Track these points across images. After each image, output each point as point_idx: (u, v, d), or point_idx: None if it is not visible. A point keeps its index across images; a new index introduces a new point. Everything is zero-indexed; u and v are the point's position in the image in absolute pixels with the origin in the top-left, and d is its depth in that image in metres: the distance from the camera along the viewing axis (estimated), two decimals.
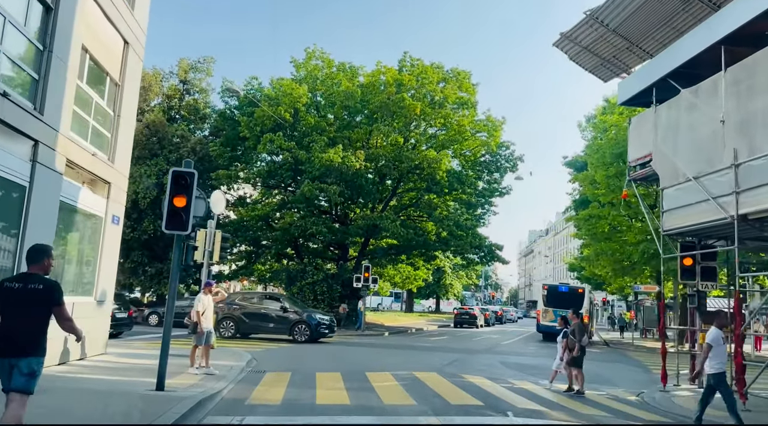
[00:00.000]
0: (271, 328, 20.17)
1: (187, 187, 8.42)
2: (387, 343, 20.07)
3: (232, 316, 20.21)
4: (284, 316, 20.08)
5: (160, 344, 8.78)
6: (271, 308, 20.48)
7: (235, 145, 30.80)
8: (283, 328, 19.98)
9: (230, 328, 20.09)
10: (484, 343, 24.51)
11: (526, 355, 18.68)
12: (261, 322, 20.22)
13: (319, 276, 28.14)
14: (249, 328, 20.28)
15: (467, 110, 32.21)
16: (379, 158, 29.85)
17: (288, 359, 14.60)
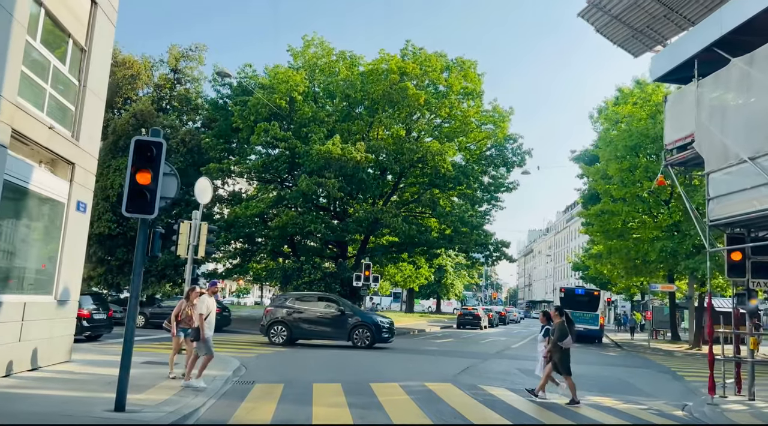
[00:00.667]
0: (327, 333, 18.26)
1: (153, 160, 6.83)
2: (390, 347, 18.47)
3: (284, 321, 18.15)
4: (342, 320, 18.12)
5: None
6: (327, 311, 18.48)
7: (228, 136, 29.17)
8: (341, 332, 18.06)
9: (282, 334, 18.02)
10: (494, 346, 22.93)
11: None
12: (316, 327, 18.21)
13: (316, 275, 26.54)
14: (303, 333, 18.26)
15: (473, 101, 30.63)
16: (380, 151, 28.25)
17: (281, 367, 13.00)
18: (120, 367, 6.96)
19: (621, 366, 17.00)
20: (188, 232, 13.69)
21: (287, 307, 18.48)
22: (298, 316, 18.26)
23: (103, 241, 27.48)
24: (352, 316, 18.32)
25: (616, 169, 27.46)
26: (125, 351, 6.96)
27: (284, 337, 17.99)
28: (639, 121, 27.65)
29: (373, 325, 18.06)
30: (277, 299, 19.27)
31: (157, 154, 6.81)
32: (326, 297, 20.33)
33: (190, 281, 13.81)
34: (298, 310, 18.35)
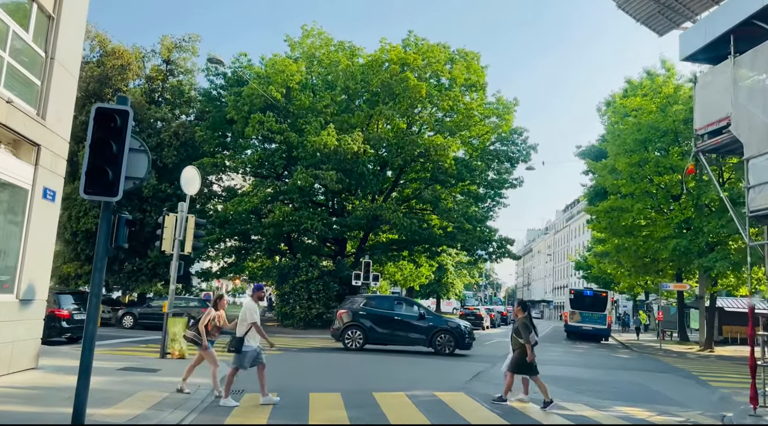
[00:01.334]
0: (407, 338, 17.02)
1: (117, 132, 5.70)
2: (392, 349, 17.35)
3: (360, 325, 16.85)
4: (424, 325, 16.93)
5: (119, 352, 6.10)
6: (406, 314, 17.25)
7: (222, 129, 28.03)
8: (422, 338, 16.85)
9: (358, 339, 16.74)
10: (500, 348, 21.79)
11: (557, 364, 16.00)
12: (395, 331, 16.90)
13: (314, 273, 25.42)
14: (380, 337, 16.97)
15: (476, 93, 29.53)
16: (380, 144, 27.14)
17: (275, 372, 11.85)
18: (78, 377, 5.83)
19: (638, 370, 15.91)
20: (174, 226, 12.57)
21: (363, 309, 17.20)
22: (376, 319, 16.98)
23: (90, 238, 26.28)
24: (433, 321, 17.23)
25: (625, 164, 26.40)
26: (84, 359, 5.82)
27: (360, 341, 16.73)
28: (649, 113, 26.59)
29: (457, 330, 16.91)
30: (350, 302, 17.94)
31: (121, 124, 5.68)
32: (404, 299, 19.25)
33: (175, 279, 12.72)
34: (375, 314, 17.10)
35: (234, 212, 25.82)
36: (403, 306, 17.81)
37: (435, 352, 16.60)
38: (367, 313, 17.01)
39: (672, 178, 26.54)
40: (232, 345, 8.13)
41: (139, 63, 29.88)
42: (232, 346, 8.13)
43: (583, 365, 16.05)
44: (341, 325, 16.99)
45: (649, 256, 26.75)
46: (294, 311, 25.28)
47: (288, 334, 23.38)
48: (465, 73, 28.29)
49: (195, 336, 8.63)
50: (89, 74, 27.31)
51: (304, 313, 25.12)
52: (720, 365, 19.61)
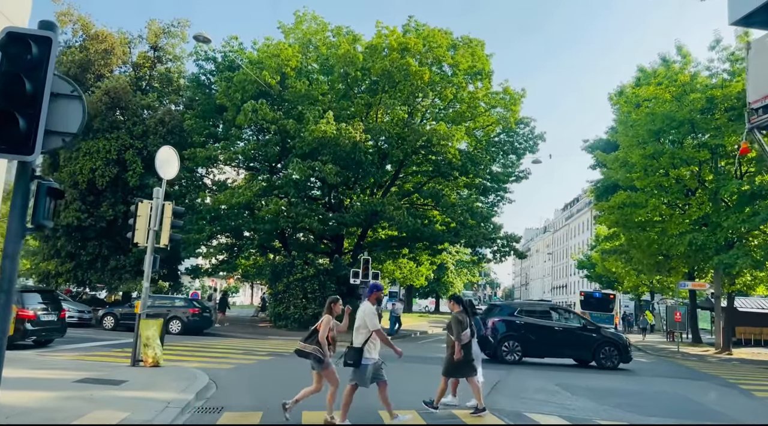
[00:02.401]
0: (568, 351, 15.87)
1: (34, 66, 4.12)
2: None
3: (518, 336, 15.47)
4: (586, 335, 15.70)
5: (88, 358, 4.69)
6: (567, 325, 16.06)
7: (212, 117, 26.39)
8: (584, 350, 15.63)
9: (516, 351, 15.36)
10: None
11: (577, 371, 14.48)
12: (555, 343, 15.63)
13: (309, 271, 23.83)
14: (539, 350, 15.69)
15: (480, 82, 27.94)
16: (380, 134, 25.54)
17: (263, 383, 10.31)
18: None
19: (667, 377, 14.42)
20: (148, 215, 10.98)
21: (518, 319, 15.73)
22: (533, 330, 15.55)
23: (71, 233, 24.71)
24: (595, 331, 15.84)
25: (638, 156, 24.93)
26: None
27: (518, 354, 15.33)
28: (663, 103, 25.11)
29: (621, 342, 15.70)
30: (498, 309, 16.52)
31: (40, 56, 4.11)
32: (560, 308, 18.11)
33: (149, 276, 11.13)
34: (532, 324, 15.67)
35: (226, 205, 24.20)
36: (560, 315, 16.61)
37: (598, 367, 15.24)
38: (524, 324, 15.59)
39: (688, 170, 25.09)
40: (348, 357, 6.86)
41: (125, 48, 28.26)
42: (349, 358, 6.86)
43: (609, 373, 14.55)
44: (498, 336, 15.39)
45: (663, 252, 25.25)
46: (288, 311, 23.72)
47: (281, 336, 21.81)
48: (469, 60, 26.73)
49: (317, 350, 6.93)
50: (70, 59, 25.70)
51: (299, 314, 23.56)
52: (749, 370, 18.16)
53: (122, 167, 24.30)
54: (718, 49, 24.74)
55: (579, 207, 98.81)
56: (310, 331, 7.14)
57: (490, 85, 28.07)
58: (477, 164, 26.82)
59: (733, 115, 23.59)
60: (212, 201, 24.11)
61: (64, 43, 27.10)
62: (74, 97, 4.46)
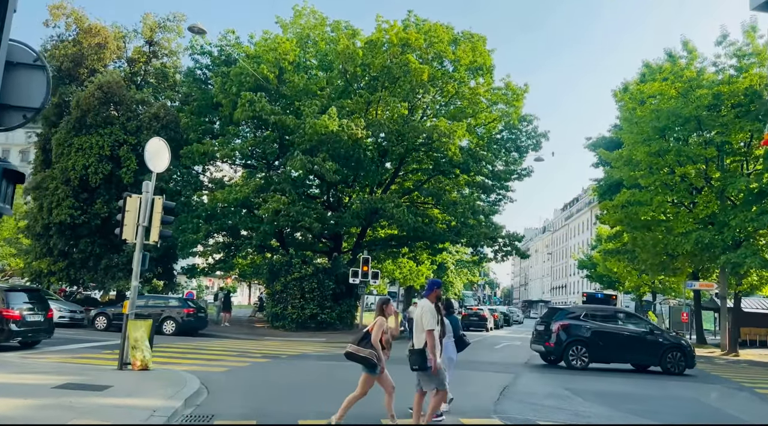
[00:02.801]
0: (634, 356, 15.45)
1: None
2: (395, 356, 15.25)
3: (584, 340, 14.89)
4: (652, 340, 15.25)
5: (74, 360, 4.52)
6: (634, 330, 15.56)
7: (208, 114, 25.82)
8: (650, 355, 15.21)
9: (582, 356, 14.77)
10: (514, 353, 19.81)
11: (584, 374, 13.94)
12: (623, 348, 15.15)
13: (308, 270, 23.26)
14: (606, 355, 15.16)
15: (482, 77, 27.42)
16: (380, 130, 24.98)
17: (258, 389, 9.76)
18: None
19: (678, 380, 13.87)
20: (137, 210, 10.43)
21: (585, 323, 15.20)
22: (600, 334, 15.04)
23: (64, 231, 24.10)
24: (660, 336, 15.43)
25: (644, 154, 24.42)
26: None
27: (585, 359, 14.77)
28: (669, 99, 24.61)
29: (687, 348, 15.38)
30: (562, 314, 15.95)
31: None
32: (626, 312, 17.75)
33: (137, 274, 10.58)
34: (600, 328, 15.15)
35: (223, 202, 23.61)
36: (625, 319, 16.09)
37: (664, 372, 14.82)
38: (591, 328, 15.08)
39: (695, 168, 24.56)
40: (413, 361, 6.41)
41: (119, 43, 27.72)
42: (413, 363, 6.40)
43: (619, 375, 14.03)
44: (563, 341, 14.86)
45: (669, 252, 24.72)
46: (286, 312, 23.16)
47: (279, 336, 21.28)
48: (470, 55, 26.19)
49: (372, 354, 6.44)
50: (63, 53, 25.17)
51: (297, 314, 23.00)
52: (759, 372, 17.66)
53: (116, 164, 23.72)
54: (725, 44, 24.23)
55: (579, 207, 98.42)
56: (361, 334, 6.67)
57: (491, 81, 27.55)
58: (479, 161, 26.29)
59: (741, 112, 23.12)
60: (209, 198, 23.52)
61: (57, 36, 26.59)
62: (37, 68, 3.90)
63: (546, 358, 15.60)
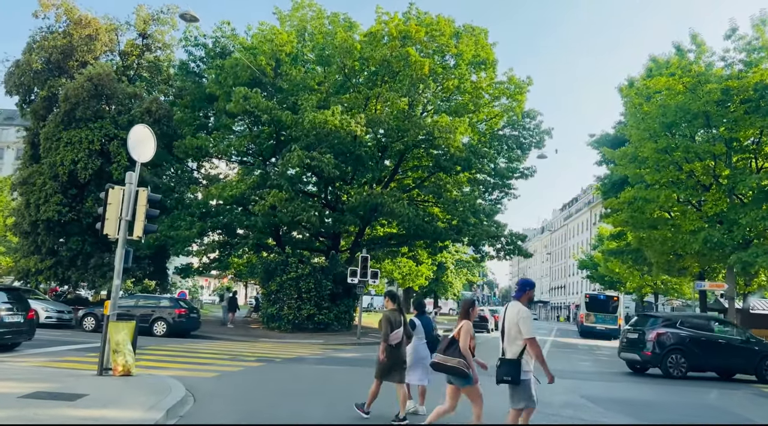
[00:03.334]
0: (730, 364, 14.93)
1: None
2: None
3: (681, 347, 14.31)
4: (747, 348, 14.75)
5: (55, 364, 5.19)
6: (731, 337, 15.00)
7: (202, 108, 25.05)
8: (746, 364, 14.73)
9: (681, 365, 14.22)
10: None
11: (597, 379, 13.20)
12: (716, 355, 14.60)
13: (305, 270, 22.48)
14: (702, 362, 14.62)
15: (484, 72, 26.72)
16: (379, 126, 24.23)
17: (249, 396, 9.00)
18: None
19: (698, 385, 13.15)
20: (119, 203, 9.66)
21: (682, 331, 14.61)
22: (697, 342, 14.48)
23: (52, 229, 23.33)
24: (758, 344, 14.87)
25: (651, 150, 23.73)
26: None
27: (683, 367, 14.23)
28: (676, 95, 23.91)
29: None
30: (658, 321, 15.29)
31: None
32: (718, 319, 17.37)
33: (119, 272, 9.80)
34: (696, 336, 14.59)
35: (218, 198, 22.85)
36: (719, 326, 15.57)
37: (759, 380, 14.34)
38: (689, 336, 14.50)
39: (703, 165, 23.87)
40: (504, 373, 5.53)
41: (111, 35, 26.90)
42: (504, 374, 5.53)
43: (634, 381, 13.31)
44: (661, 350, 14.26)
45: (678, 250, 24.00)
46: (282, 312, 22.39)
47: (274, 338, 20.51)
48: (473, 49, 25.48)
49: (462, 364, 5.73)
50: (52, 44, 24.37)
51: (293, 315, 22.23)
52: None
53: (106, 159, 22.92)
54: (734, 38, 23.59)
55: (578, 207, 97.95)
56: (447, 341, 5.94)
57: (494, 75, 26.88)
58: (481, 158, 25.55)
59: (750, 108, 22.49)
60: (203, 195, 22.70)
61: (46, 28, 25.77)
62: None
63: (636, 367, 15.16)
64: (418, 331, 7.49)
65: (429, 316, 8.21)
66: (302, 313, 22.08)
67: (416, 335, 7.46)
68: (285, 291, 22.32)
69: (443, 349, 5.84)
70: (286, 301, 22.42)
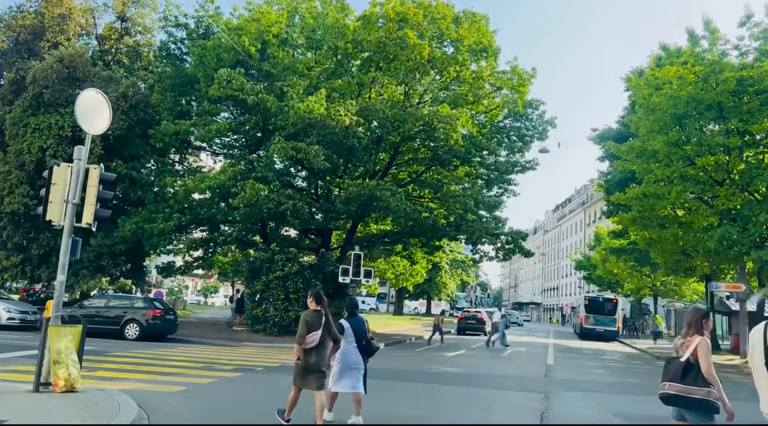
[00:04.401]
0: None
1: None
2: (389, 367, 12.97)
3: None
4: None
5: None
6: None
7: (183, 92, 23.32)
8: None
9: None
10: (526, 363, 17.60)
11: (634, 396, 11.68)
12: None
13: (292, 268, 20.81)
14: None
15: (485, 61, 25.22)
16: (374, 116, 22.62)
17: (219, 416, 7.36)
18: None
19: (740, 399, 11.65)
20: (66, 184, 8.01)
21: None
22: None
23: (18, 222, 21.50)
24: None
25: (662, 143, 22.33)
26: None
27: None
28: (687, 85, 22.54)
29: None
30: None
31: None
32: None
33: (64, 267, 8.15)
34: None
35: (197, 191, 21.13)
36: None
37: None
38: None
39: (716, 159, 22.49)
40: None
41: (87, 16, 25.14)
42: None
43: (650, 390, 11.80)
44: None
45: (688, 249, 22.60)
46: (267, 314, 20.72)
47: (258, 342, 18.86)
48: (474, 35, 23.98)
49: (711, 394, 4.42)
50: (21, 23, 22.59)
51: (279, 317, 20.56)
52: None
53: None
54: (749, 25, 22.31)
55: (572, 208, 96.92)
56: (678, 366, 4.57)
57: (495, 65, 25.37)
58: (481, 150, 24.05)
59: (765, 99, 21.22)
60: (181, 187, 20.98)
61: (16, 6, 24.01)
62: None
63: None
64: (347, 335, 6.92)
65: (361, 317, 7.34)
66: (289, 315, 20.41)
67: (345, 339, 6.90)
68: (271, 291, 20.66)
69: (677, 376, 4.50)
70: (272, 301, 20.77)
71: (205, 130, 21.29)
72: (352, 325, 7.01)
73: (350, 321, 7.06)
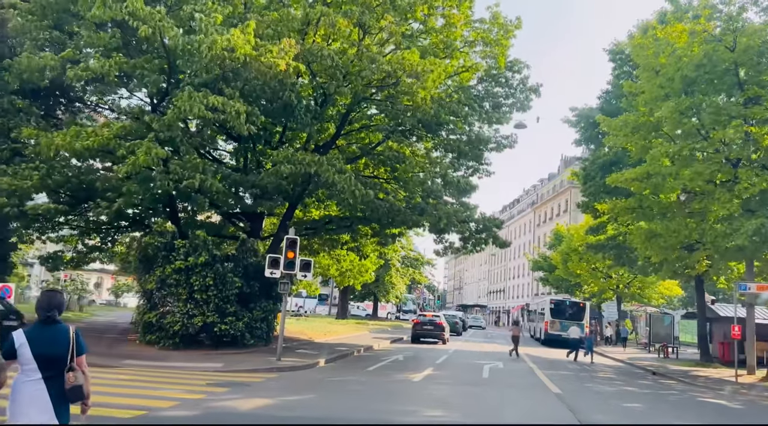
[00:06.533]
0: None
1: None
2: (319, 408, 7.75)
3: None
4: None
5: None
6: None
7: (57, 18, 17.01)
8: None
9: None
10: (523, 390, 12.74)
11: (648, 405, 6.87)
12: None
13: (200, 258, 15.09)
14: None
15: (457, 9, 20.31)
16: (319, 61, 17.18)
17: None
18: None
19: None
20: None
21: None
22: None
23: None
24: None
25: (670, 110, 18.24)
26: None
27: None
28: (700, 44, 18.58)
29: None
30: None
31: None
32: None
33: None
34: None
35: (67, 150, 15.12)
36: None
37: None
38: None
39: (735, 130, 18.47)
40: None
41: None
42: None
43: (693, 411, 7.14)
44: None
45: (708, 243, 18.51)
46: (163, 320, 14.92)
47: (147, 360, 13.15)
48: None
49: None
50: None
51: (181, 324, 14.80)
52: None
53: None
54: None
55: (520, 208, 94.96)
56: None
57: (469, 14, 20.50)
58: (453, 114, 19.17)
59: None
60: (42, 145, 14.79)
61: None
62: None
63: None
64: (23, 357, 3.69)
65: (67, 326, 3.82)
66: (195, 322, 14.71)
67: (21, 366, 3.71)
68: (169, 288, 14.87)
69: None
70: (173, 303, 15.00)
71: (80, 67, 15.13)
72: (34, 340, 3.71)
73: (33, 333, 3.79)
